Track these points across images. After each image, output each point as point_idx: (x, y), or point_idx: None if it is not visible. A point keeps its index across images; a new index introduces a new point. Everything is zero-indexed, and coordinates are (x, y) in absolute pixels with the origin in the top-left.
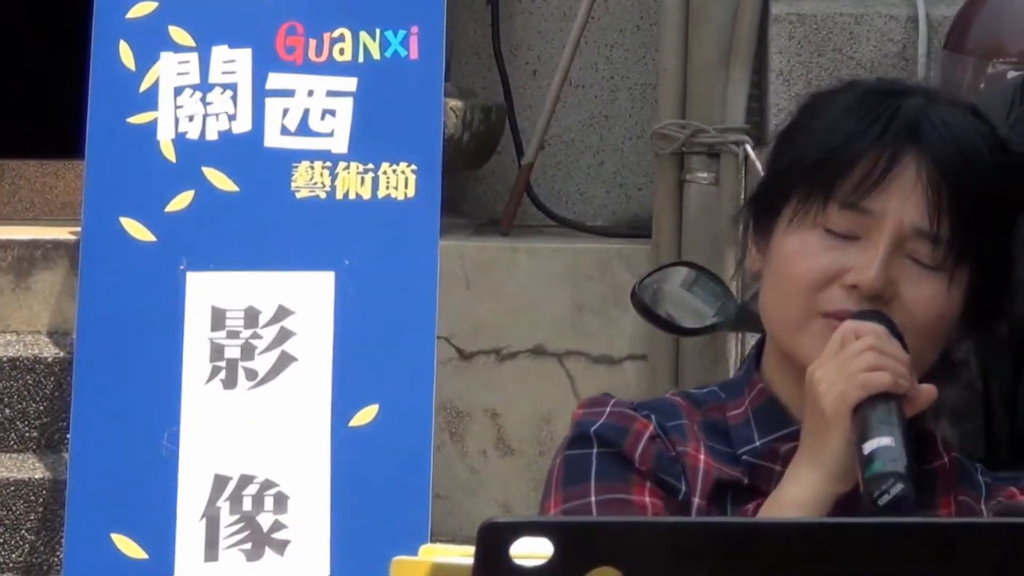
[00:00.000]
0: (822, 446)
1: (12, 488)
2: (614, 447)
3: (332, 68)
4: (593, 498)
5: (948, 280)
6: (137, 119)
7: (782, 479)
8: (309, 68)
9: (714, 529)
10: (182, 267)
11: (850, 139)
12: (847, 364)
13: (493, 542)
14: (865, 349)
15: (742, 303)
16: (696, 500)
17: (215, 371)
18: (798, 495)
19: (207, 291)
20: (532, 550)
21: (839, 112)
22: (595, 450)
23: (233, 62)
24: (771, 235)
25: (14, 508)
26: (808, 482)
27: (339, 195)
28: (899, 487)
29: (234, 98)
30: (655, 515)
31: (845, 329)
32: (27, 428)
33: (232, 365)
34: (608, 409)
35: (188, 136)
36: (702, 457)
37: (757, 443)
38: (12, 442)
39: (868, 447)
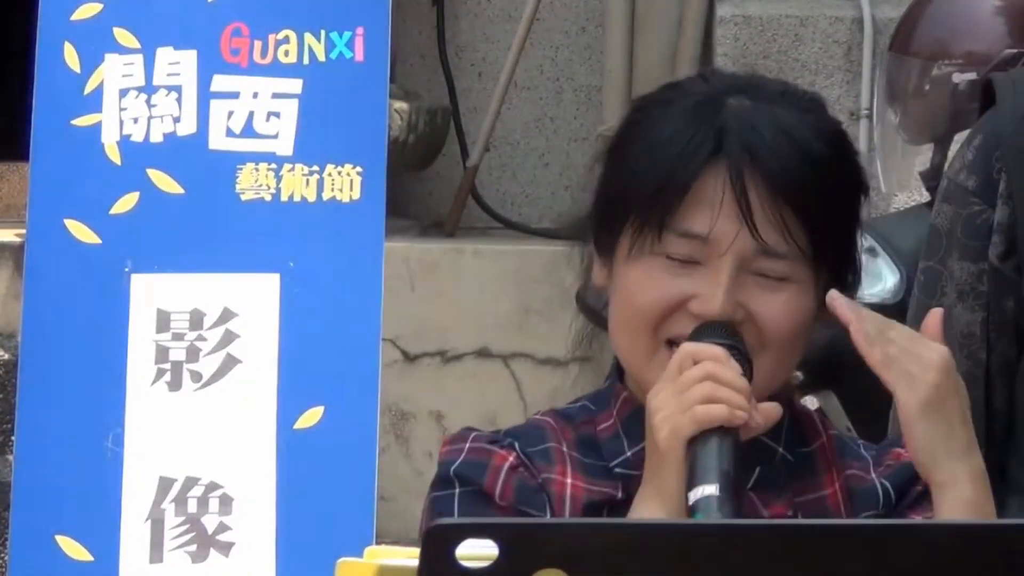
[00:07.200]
0: (661, 481)
1: None
2: (474, 485)
3: (277, 70)
4: None
5: (800, 287)
6: (82, 121)
7: (632, 504)
8: (254, 70)
9: (659, 530)
10: (127, 269)
11: (681, 163)
12: (682, 395)
13: (439, 544)
14: (701, 378)
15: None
16: None
17: (160, 373)
18: None
19: (152, 293)
20: (478, 552)
21: (667, 129)
22: (457, 490)
23: (178, 64)
24: (613, 256)
25: None
26: (651, 513)
27: (284, 197)
28: None
29: (179, 100)
30: None
31: (683, 353)
32: None
33: (177, 367)
34: (467, 445)
35: (133, 138)
36: (569, 481)
37: (628, 453)
38: None
39: (692, 496)
